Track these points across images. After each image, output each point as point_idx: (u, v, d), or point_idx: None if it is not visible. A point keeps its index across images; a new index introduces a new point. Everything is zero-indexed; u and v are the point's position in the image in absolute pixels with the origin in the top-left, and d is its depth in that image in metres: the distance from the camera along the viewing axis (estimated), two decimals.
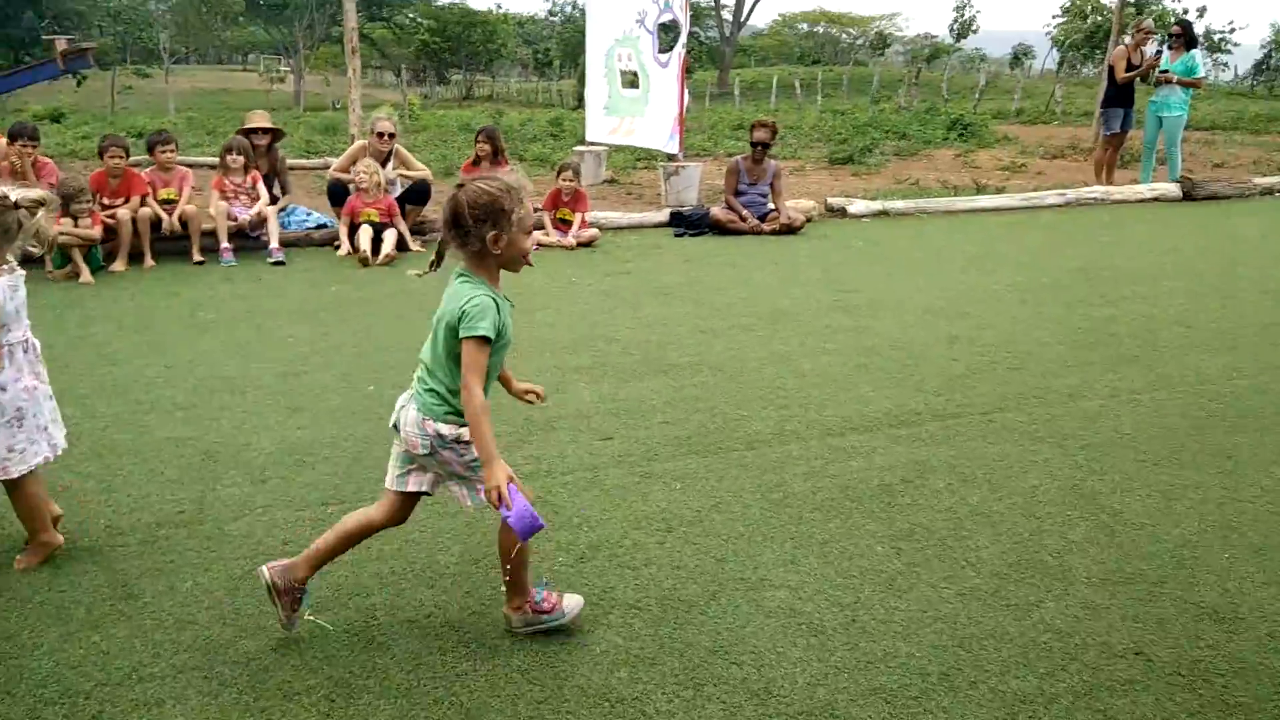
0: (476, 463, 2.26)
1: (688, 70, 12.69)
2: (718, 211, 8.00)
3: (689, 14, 9.44)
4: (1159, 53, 10.41)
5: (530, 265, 2.38)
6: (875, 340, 5.05)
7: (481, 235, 2.21)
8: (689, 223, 7.99)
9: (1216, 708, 2.22)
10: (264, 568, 2.39)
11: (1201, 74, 10.50)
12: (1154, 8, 34.23)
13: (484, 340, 2.20)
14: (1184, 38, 10.47)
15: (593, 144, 11.03)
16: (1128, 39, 10.71)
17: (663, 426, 3.88)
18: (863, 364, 4.67)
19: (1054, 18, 38.44)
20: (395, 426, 2.38)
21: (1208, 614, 2.60)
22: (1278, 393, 4.28)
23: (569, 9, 45.54)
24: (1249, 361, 4.71)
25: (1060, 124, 19.24)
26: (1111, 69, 10.59)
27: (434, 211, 7.33)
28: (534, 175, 8.70)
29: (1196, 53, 10.37)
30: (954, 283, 6.34)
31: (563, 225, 7.56)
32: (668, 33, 9.58)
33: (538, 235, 7.02)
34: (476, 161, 7.72)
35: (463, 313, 2.20)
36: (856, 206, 8.78)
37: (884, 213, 8.84)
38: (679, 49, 9.28)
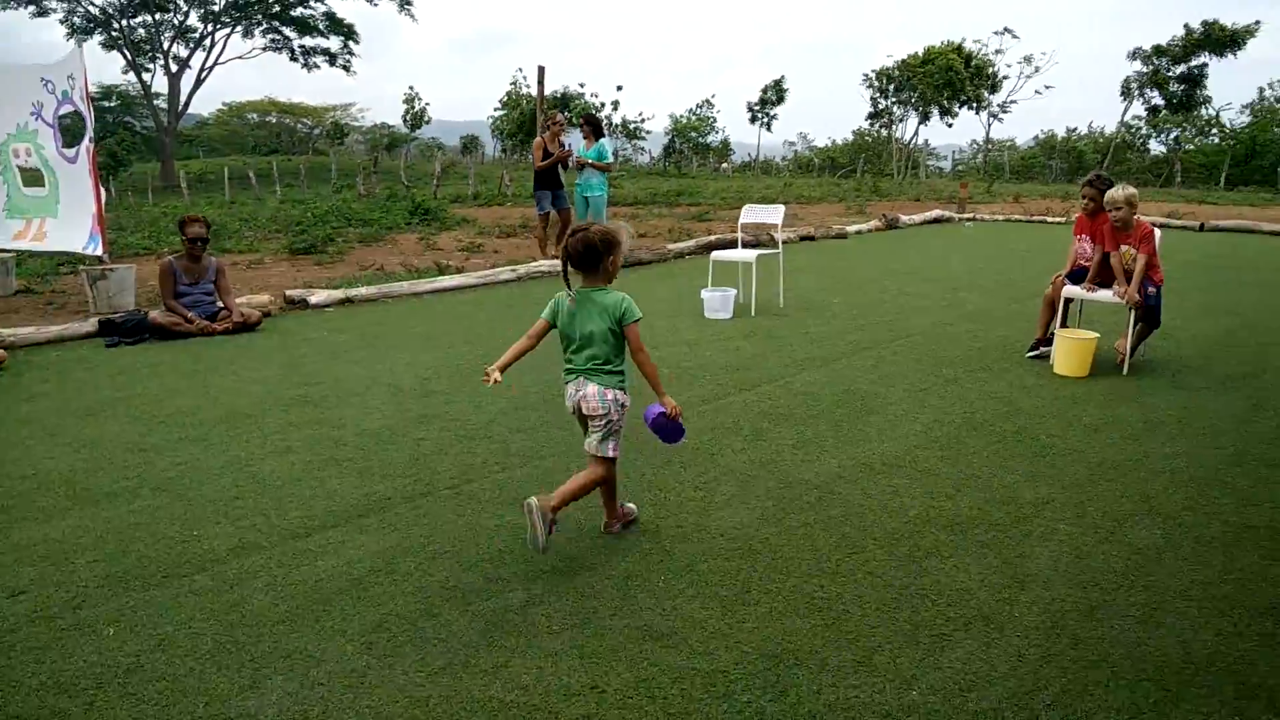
0: (620, 424, 3.51)
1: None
2: (157, 315, 7.28)
3: (91, 106, 8.55)
4: (568, 145, 11.82)
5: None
6: (342, 431, 4.94)
7: (606, 260, 3.43)
8: (123, 330, 7.14)
9: None
10: (530, 499, 3.26)
11: (611, 159, 12.12)
12: (577, 101, 39.07)
13: (639, 320, 3.43)
14: (593, 128, 12.04)
15: None
16: (547, 132, 11.99)
17: (92, 566, 3.36)
18: (329, 457, 4.52)
19: (495, 110, 42.07)
20: (576, 408, 3.53)
21: (648, 633, 2.89)
22: (696, 427, 4.99)
23: None
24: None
25: (512, 205, 20.91)
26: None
27: None
28: None
29: (605, 141, 11.96)
30: (421, 362, 6.46)
31: None
32: (67, 130, 8.62)
33: None
34: None
35: (627, 308, 3.43)
36: (318, 296, 8.60)
37: (348, 300, 8.78)
38: (86, 142, 8.35)
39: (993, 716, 2.47)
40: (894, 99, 40.23)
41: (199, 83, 39.76)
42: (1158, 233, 6.13)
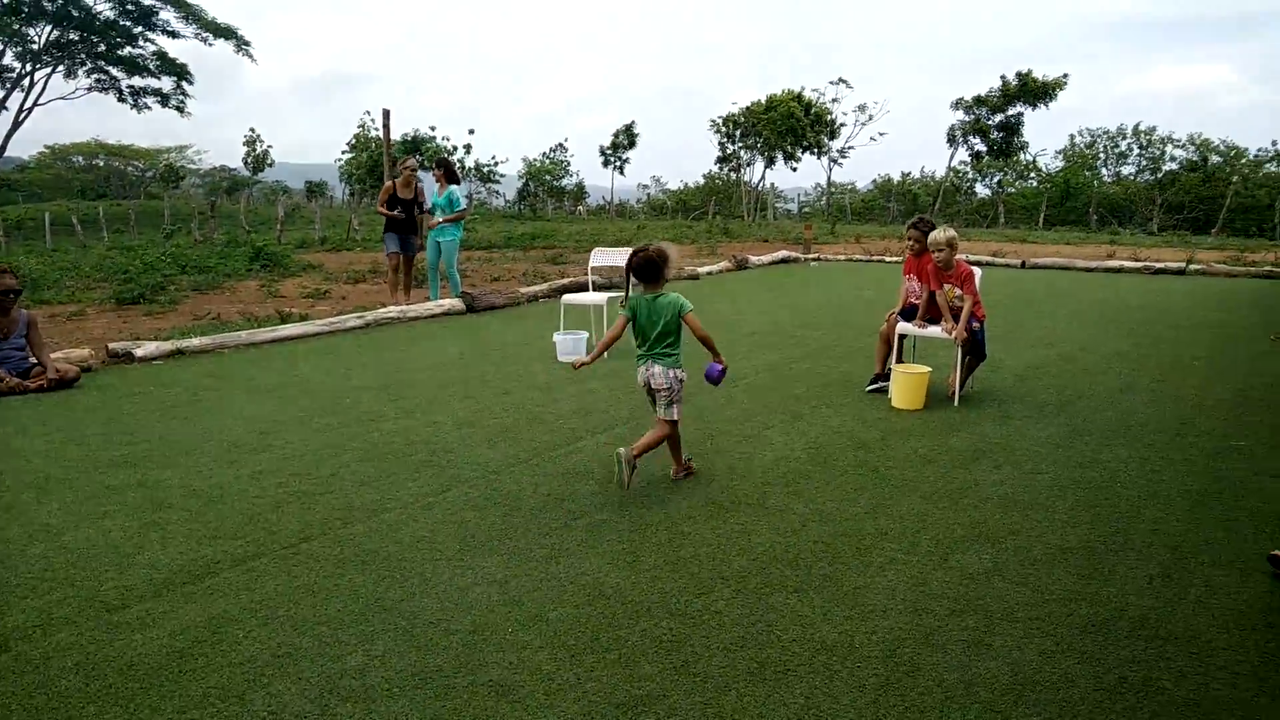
0: (679, 394, 4.66)
1: None
2: None
3: None
4: (422, 194, 11.66)
5: None
6: (166, 493, 4.63)
7: (665, 271, 4.54)
8: None
9: None
10: (620, 449, 4.53)
11: (464, 205, 12.00)
12: (428, 145, 38.67)
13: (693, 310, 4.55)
14: (446, 172, 11.90)
15: None
16: (399, 176, 11.78)
17: None
18: (151, 521, 4.23)
19: (343, 153, 41.13)
20: (647, 385, 4.65)
21: (494, 689, 2.80)
22: (548, 472, 4.93)
23: None
24: (523, 448, 5.37)
25: (362, 250, 20.40)
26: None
27: None
28: None
29: (456, 188, 11.83)
30: (259, 415, 6.16)
31: None
32: None
33: None
34: None
35: (683, 304, 4.54)
36: (145, 349, 8.10)
37: (179, 352, 8.30)
38: None
39: None
40: (740, 144, 41.64)
41: (16, 125, 37.24)
42: (978, 272, 6.53)
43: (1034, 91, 36.38)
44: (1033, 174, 39.62)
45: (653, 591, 3.47)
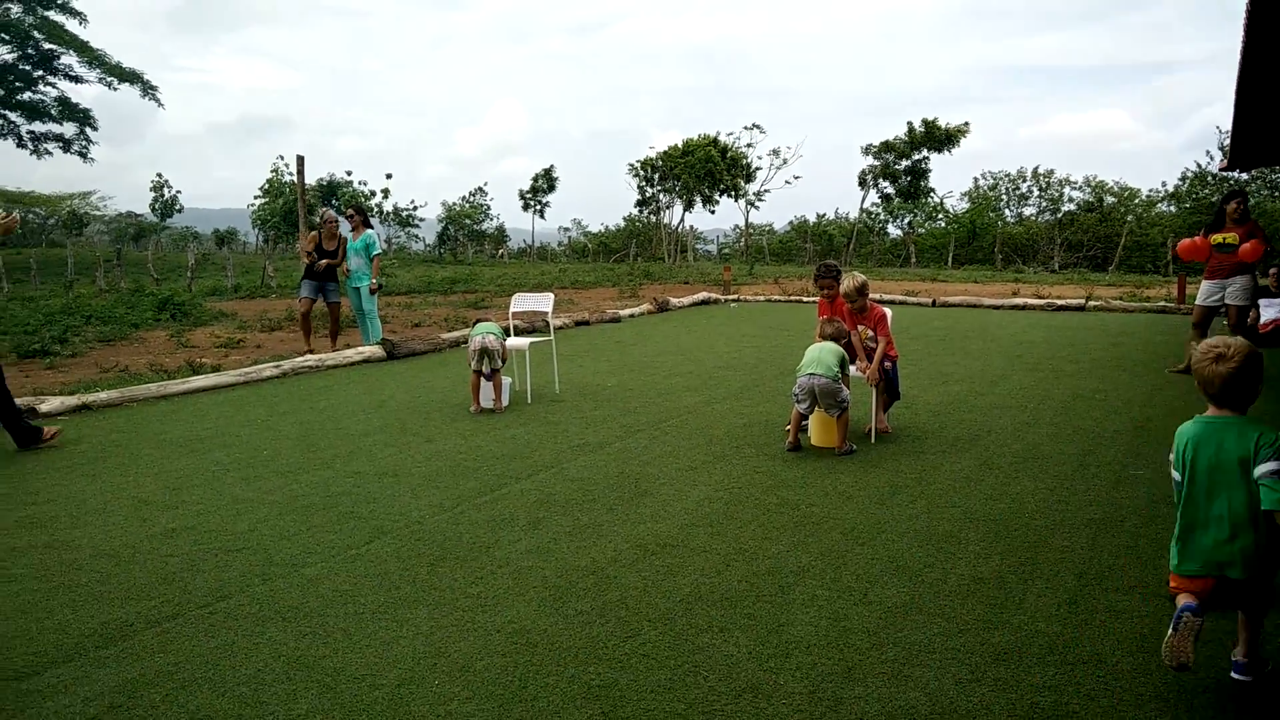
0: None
1: None
2: None
3: None
4: (342, 241, 11.56)
5: None
6: (76, 553, 4.47)
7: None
8: None
9: None
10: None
11: (379, 249, 11.92)
12: (344, 190, 38.28)
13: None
14: (361, 217, 11.84)
15: None
16: (324, 228, 11.66)
17: None
18: (60, 584, 4.08)
19: (255, 198, 40.40)
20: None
21: None
22: (473, 520, 4.91)
23: None
24: (447, 496, 5.33)
25: (277, 297, 20.03)
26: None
27: None
28: None
29: (371, 232, 11.77)
30: (172, 470, 5.99)
31: None
32: None
33: None
34: None
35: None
36: (49, 404, 7.81)
37: (85, 407, 8.02)
38: None
39: None
40: (659, 187, 42.23)
41: None
42: (889, 312, 6.76)
43: (938, 138, 37.87)
44: (940, 215, 41.05)
45: (581, 637, 3.49)
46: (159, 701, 3.05)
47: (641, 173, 42.39)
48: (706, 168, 39.07)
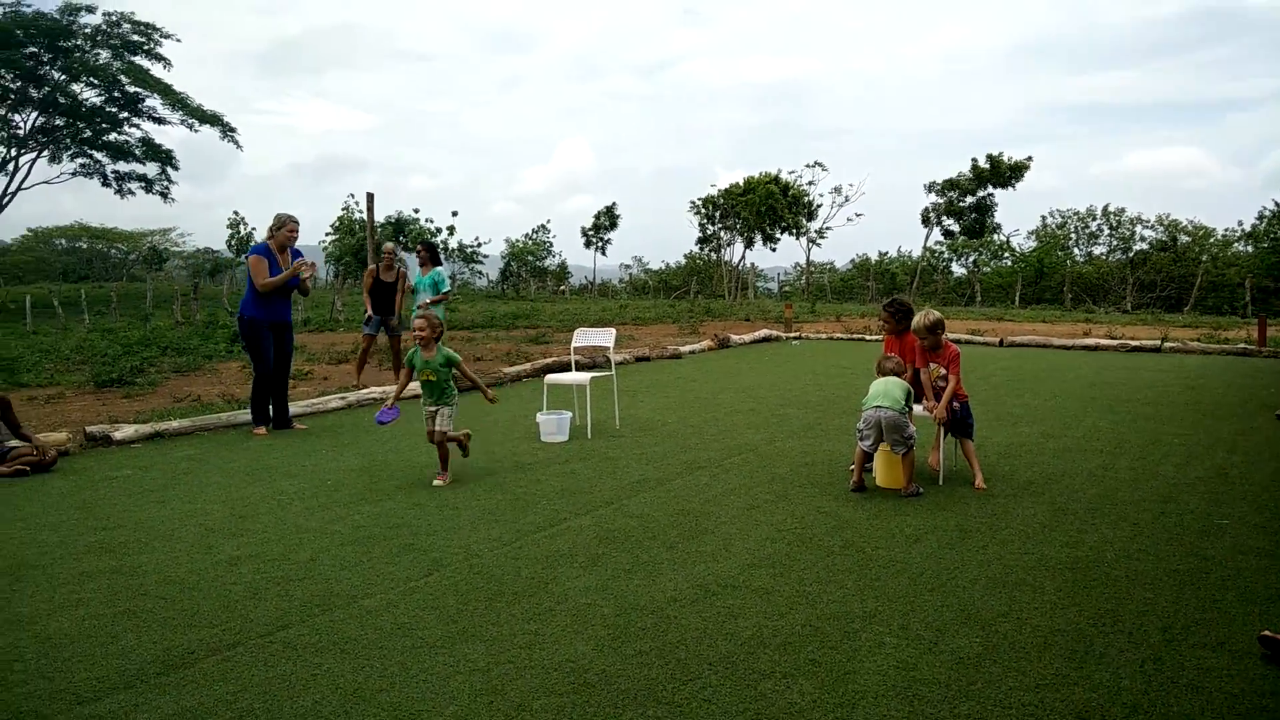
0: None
1: None
2: None
3: None
4: (404, 270, 11.74)
5: None
6: (143, 579, 4.53)
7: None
8: None
9: None
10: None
11: (448, 286, 12.07)
12: (411, 227, 39.06)
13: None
14: (430, 254, 12.02)
15: None
16: (382, 260, 11.87)
17: None
18: (126, 609, 4.13)
19: (327, 235, 41.45)
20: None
21: None
22: (531, 555, 4.86)
23: None
24: (506, 530, 5.31)
25: (345, 330, 20.42)
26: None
27: None
28: None
29: (441, 269, 11.93)
30: (238, 499, 6.08)
31: None
32: None
33: None
34: None
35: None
36: (124, 432, 8.01)
37: (158, 435, 8.21)
38: None
39: None
40: (720, 225, 42.30)
41: (0, 209, 37.38)
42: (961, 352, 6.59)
43: (1003, 173, 37.36)
44: (1007, 254, 40.37)
45: (639, 679, 3.40)
46: None
47: (703, 210, 42.54)
48: (767, 204, 39.06)
